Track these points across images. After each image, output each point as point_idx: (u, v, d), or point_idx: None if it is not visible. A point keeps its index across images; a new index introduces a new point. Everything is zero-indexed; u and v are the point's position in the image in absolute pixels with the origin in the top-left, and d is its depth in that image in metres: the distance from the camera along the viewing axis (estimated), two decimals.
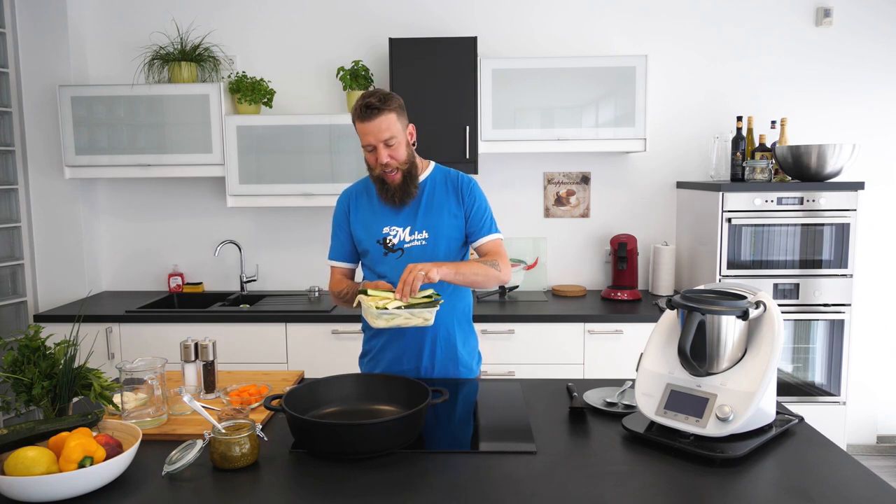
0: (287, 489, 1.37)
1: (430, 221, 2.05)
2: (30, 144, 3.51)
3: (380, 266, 2.07)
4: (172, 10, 3.60)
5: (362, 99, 1.94)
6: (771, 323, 1.54)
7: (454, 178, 2.11)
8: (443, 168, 2.16)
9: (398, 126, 1.96)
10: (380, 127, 1.92)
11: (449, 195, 2.09)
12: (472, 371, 2.17)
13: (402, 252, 2.05)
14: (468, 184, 2.11)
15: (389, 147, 1.95)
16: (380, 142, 1.94)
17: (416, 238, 2.04)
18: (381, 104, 1.92)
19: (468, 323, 2.20)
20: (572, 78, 3.26)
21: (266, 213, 3.72)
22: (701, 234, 3.33)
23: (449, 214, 2.07)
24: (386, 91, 1.99)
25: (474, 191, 2.10)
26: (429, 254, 2.04)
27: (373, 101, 1.91)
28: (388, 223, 2.07)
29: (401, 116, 1.98)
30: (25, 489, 1.26)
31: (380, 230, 2.06)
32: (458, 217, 2.08)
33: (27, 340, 1.59)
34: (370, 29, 3.59)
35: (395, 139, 1.95)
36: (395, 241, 2.05)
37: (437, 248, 2.05)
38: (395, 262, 2.05)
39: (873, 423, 3.70)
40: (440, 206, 2.07)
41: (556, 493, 1.33)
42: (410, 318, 1.80)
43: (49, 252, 3.58)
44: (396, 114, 1.96)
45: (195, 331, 3.10)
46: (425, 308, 1.81)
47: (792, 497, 1.29)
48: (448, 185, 2.10)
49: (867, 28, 3.51)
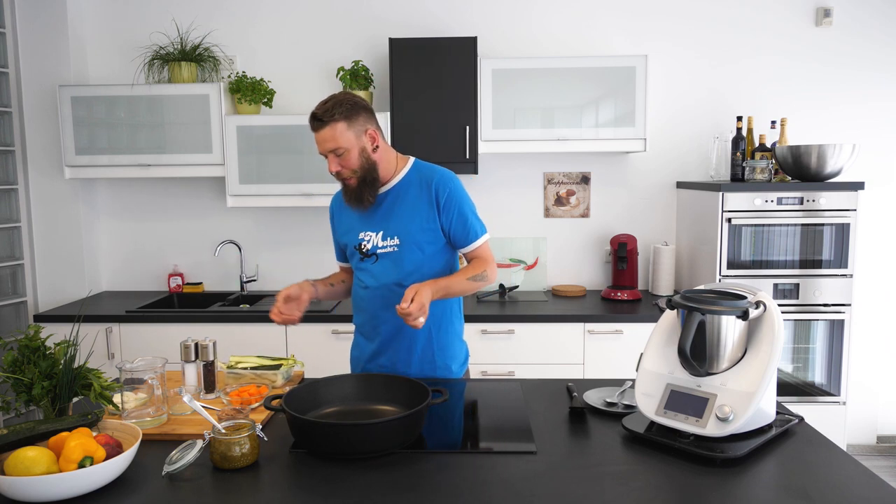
0: (287, 489, 1.37)
1: (401, 227, 2.01)
2: (30, 144, 3.51)
3: (361, 272, 2.08)
4: (172, 10, 3.60)
5: (314, 109, 1.91)
6: (771, 323, 1.54)
7: (428, 180, 2.02)
8: (420, 166, 2.07)
9: (347, 135, 1.90)
10: (325, 137, 1.90)
11: (421, 199, 2.01)
12: (451, 372, 2.14)
13: (377, 258, 2.03)
14: (444, 190, 2.00)
15: (338, 157, 1.92)
16: (327, 151, 1.92)
17: (387, 244, 2.02)
18: (323, 116, 1.88)
19: (448, 325, 2.13)
20: (572, 78, 3.26)
21: (266, 213, 3.72)
22: (701, 234, 3.33)
23: (420, 220, 2.00)
24: (340, 97, 1.92)
25: (452, 198, 2.01)
26: (400, 260, 2.01)
27: (317, 113, 1.89)
28: (364, 228, 2.05)
29: (353, 124, 1.91)
30: (25, 489, 1.26)
31: (356, 235, 2.06)
32: (432, 223, 2.01)
33: (27, 340, 1.59)
34: (370, 29, 3.59)
35: (342, 149, 1.91)
36: (368, 246, 2.04)
37: (408, 256, 2.00)
38: (371, 266, 2.04)
39: (873, 423, 3.70)
40: (411, 212, 2.01)
41: (556, 493, 1.33)
42: (255, 379, 2.01)
43: (49, 252, 3.58)
44: (346, 123, 1.89)
45: (195, 331, 3.10)
46: (270, 370, 2.02)
47: (792, 497, 1.29)
48: (422, 189, 2.02)
49: (867, 28, 3.51)
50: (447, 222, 2.02)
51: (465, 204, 2.04)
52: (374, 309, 2.08)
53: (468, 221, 2.03)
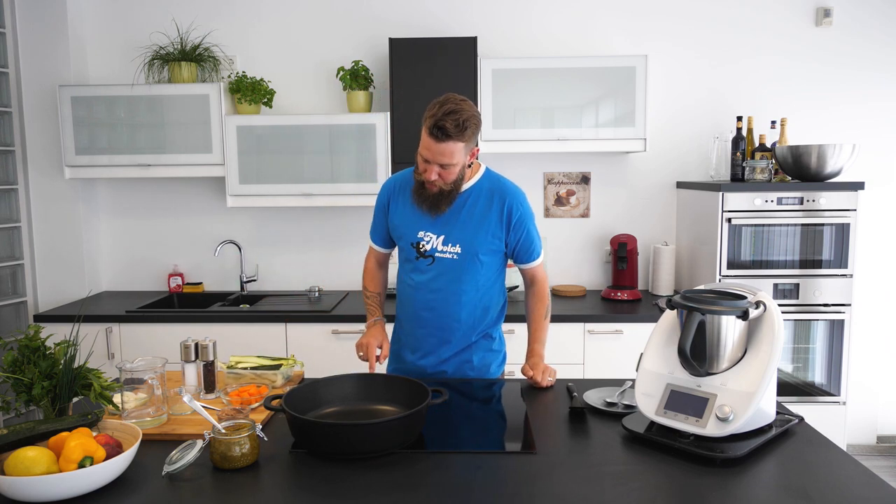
0: (287, 489, 1.37)
1: (466, 236, 2.01)
2: (30, 144, 3.51)
3: (412, 271, 2.09)
4: (172, 10, 3.60)
5: (442, 114, 1.82)
6: (771, 323, 1.54)
7: (501, 194, 2.02)
8: (492, 176, 2.08)
9: (461, 154, 1.89)
10: (443, 152, 1.86)
11: (492, 212, 2.02)
12: (488, 372, 2.20)
13: (433, 260, 2.04)
14: (518, 210, 2.02)
15: (444, 169, 1.91)
16: (437, 162, 1.89)
17: (447, 250, 2.03)
18: (454, 132, 1.82)
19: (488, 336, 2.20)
20: (572, 78, 3.26)
21: (266, 213, 3.72)
22: (701, 234, 3.33)
23: (486, 233, 2.02)
24: (470, 112, 1.86)
25: (523, 219, 2.04)
26: (456, 268, 2.03)
27: (448, 127, 1.82)
28: (425, 227, 2.04)
29: (469, 143, 1.90)
30: (25, 489, 1.26)
31: (416, 232, 2.05)
32: (498, 239, 2.04)
33: (27, 340, 1.59)
34: (370, 29, 3.59)
35: (451, 165, 1.90)
36: (427, 247, 2.04)
37: (466, 265, 2.04)
38: (425, 267, 2.06)
39: (873, 423, 3.70)
40: (479, 223, 2.02)
41: (556, 493, 1.33)
42: (255, 379, 2.02)
43: (49, 252, 3.58)
44: (466, 142, 1.88)
45: (195, 331, 3.10)
46: (270, 370, 2.03)
47: (792, 497, 1.29)
48: (494, 201, 2.02)
49: (867, 28, 3.51)
50: (514, 240, 2.06)
51: (532, 224, 2.09)
52: (416, 308, 2.11)
53: (533, 241, 2.09)
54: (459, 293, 2.05)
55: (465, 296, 2.05)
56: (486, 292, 2.10)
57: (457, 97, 1.88)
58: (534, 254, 2.10)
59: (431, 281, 2.06)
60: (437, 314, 2.07)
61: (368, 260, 2.28)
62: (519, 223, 2.04)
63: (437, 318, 2.07)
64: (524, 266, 2.13)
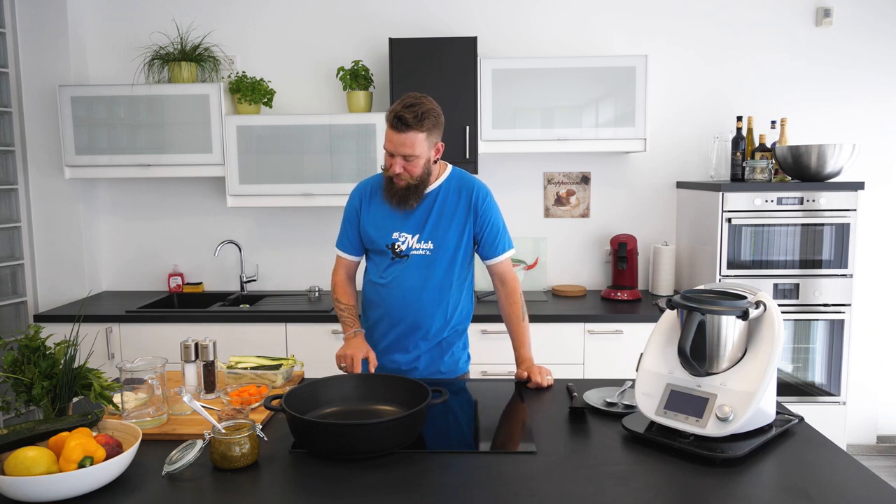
0: (287, 489, 1.37)
1: (437, 233, 2.07)
2: (30, 144, 3.50)
3: (385, 270, 2.11)
4: (172, 10, 3.60)
5: (401, 107, 1.92)
6: (771, 323, 1.54)
7: (469, 189, 2.10)
8: (458, 173, 2.14)
9: (424, 145, 1.95)
10: (404, 142, 1.93)
11: (460, 207, 2.09)
12: (457, 368, 2.22)
13: (408, 258, 2.08)
14: (483, 201, 2.10)
15: (407, 161, 1.96)
16: (399, 154, 1.95)
17: (421, 248, 2.07)
18: (414, 122, 1.90)
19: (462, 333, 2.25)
20: (572, 78, 3.26)
21: (266, 213, 3.72)
22: (701, 234, 3.33)
23: (456, 229, 2.08)
24: (428, 106, 1.95)
25: (489, 210, 2.10)
26: (430, 265, 2.07)
27: (407, 117, 1.90)
28: (399, 228, 2.08)
29: (431, 135, 1.97)
30: (25, 489, 1.26)
31: (390, 234, 2.08)
32: (466, 233, 2.10)
33: (27, 340, 1.59)
34: (370, 29, 3.59)
35: (414, 157, 1.95)
36: (402, 247, 2.08)
37: (438, 260, 2.08)
38: (398, 267, 2.08)
39: (873, 423, 3.70)
40: (449, 219, 2.08)
41: (556, 493, 1.33)
42: (255, 379, 2.01)
43: (49, 252, 3.58)
44: (427, 133, 1.95)
45: (195, 331, 3.10)
46: (270, 370, 2.02)
47: (792, 497, 1.29)
48: (461, 197, 2.09)
49: (867, 28, 3.51)
50: (480, 230, 2.10)
51: (498, 216, 2.14)
52: (389, 307, 2.12)
53: (499, 232, 2.13)
54: (432, 288, 2.09)
55: (438, 291, 2.09)
56: (458, 287, 2.14)
57: (417, 94, 1.98)
58: (499, 248, 2.13)
59: (406, 278, 2.08)
60: (411, 310, 2.09)
61: (337, 273, 2.24)
62: (484, 213, 2.09)
63: (411, 315, 2.10)
64: (491, 261, 2.15)
